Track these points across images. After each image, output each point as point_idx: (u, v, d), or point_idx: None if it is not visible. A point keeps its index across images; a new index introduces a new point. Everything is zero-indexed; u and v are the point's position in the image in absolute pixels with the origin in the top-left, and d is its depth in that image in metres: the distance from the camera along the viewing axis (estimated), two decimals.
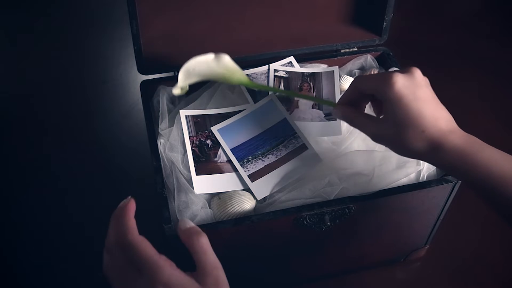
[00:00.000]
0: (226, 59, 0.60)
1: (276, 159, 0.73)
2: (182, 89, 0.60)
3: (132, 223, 0.46)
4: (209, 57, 0.58)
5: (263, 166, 0.73)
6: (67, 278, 0.83)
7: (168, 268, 0.44)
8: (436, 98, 0.56)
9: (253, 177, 0.72)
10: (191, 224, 0.49)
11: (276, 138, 0.75)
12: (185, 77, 0.59)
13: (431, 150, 0.53)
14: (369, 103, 0.64)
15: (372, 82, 0.57)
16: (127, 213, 0.47)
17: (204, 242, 0.47)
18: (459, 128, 0.55)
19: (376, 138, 0.58)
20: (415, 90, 0.54)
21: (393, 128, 0.55)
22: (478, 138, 0.55)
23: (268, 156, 0.74)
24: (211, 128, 0.77)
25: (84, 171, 0.96)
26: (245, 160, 0.74)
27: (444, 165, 0.54)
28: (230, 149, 0.75)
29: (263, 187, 0.71)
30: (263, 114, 0.78)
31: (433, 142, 0.53)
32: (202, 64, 0.58)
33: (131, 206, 0.48)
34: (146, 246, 0.45)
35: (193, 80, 0.60)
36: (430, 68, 1.16)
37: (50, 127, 1.05)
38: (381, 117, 0.59)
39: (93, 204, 0.91)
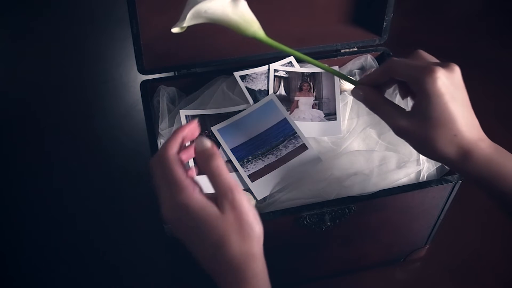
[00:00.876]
0: (243, 5, 0.54)
1: (276, 159, 0.73)
2: (181, 28, 0.54)
3: (176, 141, 0.47)
4: (226, 0, 0.53)
5: (263, 166, 0.73)
6: (67, 278, 0.83)
7: (189, 190, 0.44)
8: (469, 103, 0.53)
9: (253, 177, 0.72)
10: (206, 145, 0.46)
11: (276, 138, 0.75)
12: (192, 17, 0.53)
13: (459, 156, 0.51)
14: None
15: (412, 70, 0.52)
16: (180, 131, 0.48)
17: (217, 165, 0.45)
18: (487, 137, 0.53)
19: (399, 132, 0.53)
20: (454, 90, 0.50)
21: (423, 125, 0.51)
22: None
23: (268, 156, 0.74)
24: (211, 128, 0.77)
25: (84, 171, 0.96)
26: (245, 160, 0.74)
27: (470, 174, 0.52)
28: (230, 149, 0.75)
29: (263, 187, 0.71)
30: (263, 114, 0.78)
31: (463, 148, 0.51)
32: (216, 7, 0.52)
33: (188, 126, 0.49)
34: (176, 165, 0.45)
35: (200, 21, 0.54)
36: None
37: (50, 127, 1.05)
38: (409, 109, 0.54)
39: (93, 204, 0.91)
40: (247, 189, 0.71)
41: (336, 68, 0.85)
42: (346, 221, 0.69)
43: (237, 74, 0.83)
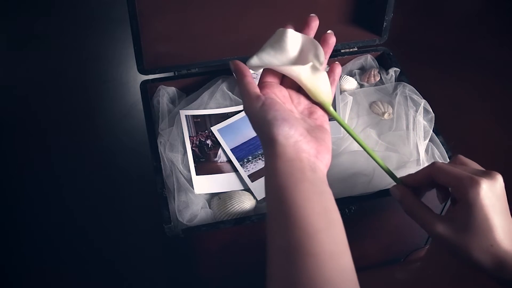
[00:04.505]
0: (321, 77, 0.54)
1: None
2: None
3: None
4: (306, 66, 0.53)
5: (263, 166, 0.73)
6: (67, 278, 0.83)
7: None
8: (508, 210, 0.53)
9: (253, 177, 0.72)
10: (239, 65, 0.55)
11: None
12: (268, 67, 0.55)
13: (494, 265, 0.51)
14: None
15: (455, 179, 0.52)
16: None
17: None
18: None
19: (435, 237, 0.54)
20: (496, 202, 0.51)
21: (460, 233, 0.52)
22: (478, 138, 0.54)
23: None
24: (211, 128, 0.77)
25: (84, 171, 0.96)
26: (245, 160, 0.74)
27: (506, 282, 0.52)
28: (230, 149, 0.75)
29: (263, 187, 0.71)
30: None
31: (498, 257, 0.51)
32: (292, 71, 0.53)
33: None
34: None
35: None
36: (430, 68, 1.16)
37: (51, 127, 1.05)
38: (444, 214, 0.55)
39: (93, 204, 0.91)
40: (247, 189, 0.71)
41: None
42: (346, 221, 0.68)
43: None
